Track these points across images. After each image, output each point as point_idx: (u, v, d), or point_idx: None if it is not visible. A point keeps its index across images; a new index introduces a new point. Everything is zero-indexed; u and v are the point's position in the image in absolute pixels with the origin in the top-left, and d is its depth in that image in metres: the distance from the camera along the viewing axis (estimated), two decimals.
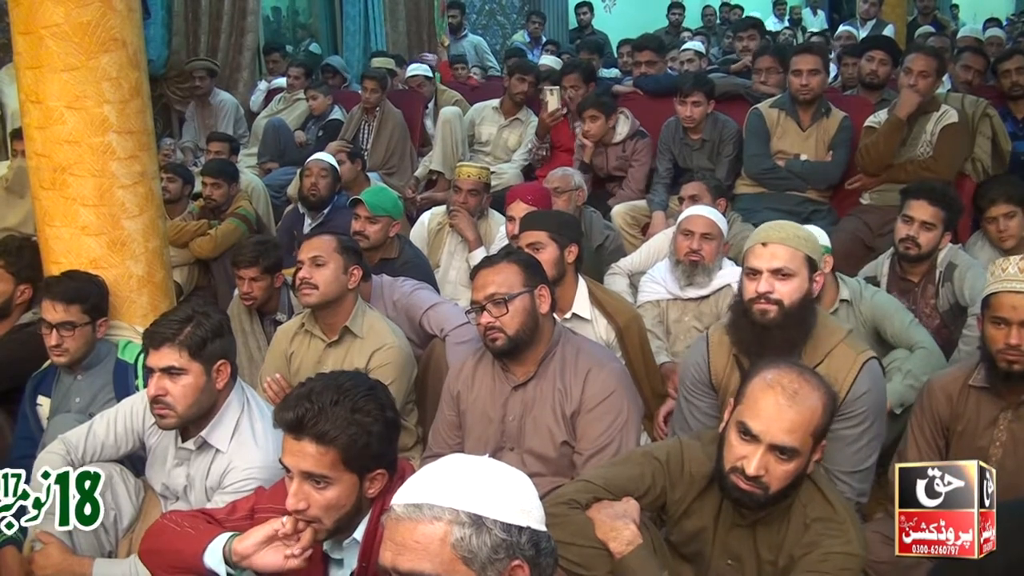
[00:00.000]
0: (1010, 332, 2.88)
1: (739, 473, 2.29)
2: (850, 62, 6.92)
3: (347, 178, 5.81)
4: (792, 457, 2.27)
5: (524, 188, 4.83)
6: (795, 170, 5.29)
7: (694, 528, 2.51)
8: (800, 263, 2.93)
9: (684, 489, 2.49)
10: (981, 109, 5.25)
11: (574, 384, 3.09)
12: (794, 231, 3.02)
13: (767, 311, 2.90)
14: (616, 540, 2.33)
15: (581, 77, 6.27)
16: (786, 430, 2.25)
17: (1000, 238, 4.55)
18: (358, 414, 2.16)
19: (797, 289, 2.91)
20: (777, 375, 2.32)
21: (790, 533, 2.38)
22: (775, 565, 2.39)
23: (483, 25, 12.16)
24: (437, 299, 4.10)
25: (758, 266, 2.94)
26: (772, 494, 2.30)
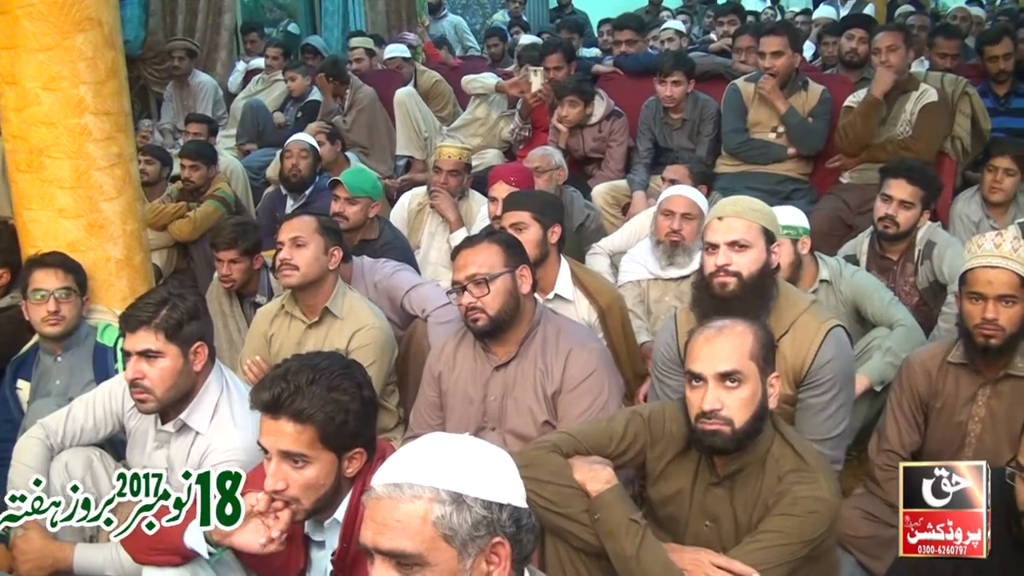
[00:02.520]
0: (986, 307, 2.93)
1: (702, 417, 2.38)
2: (830, 41, 6.93)
3: (327, 159, 5.80)
4: (740, 382, 2.37)
5: (506, 168, 4.81)
6: (791, 122, 5.26)
7: (672, 490, 2.57)
8: (756, 234, 2.97)
9: (664, 446, 2.56)
10: (960, 88, 5.26)
11: (555, 364, 3.10)
12: (749, 204, 3.06)
13: (726, 283, 2.94)
14: (593, 480, 2.43)
15: (563, 57, 6.25)
16: (723, 358, 2.38)
17: (992, 188, 4.77)
18: (335, 392, 2.17)
19: (755, 260, 2.95)
20: (705, 324, 2.48)
21: (764, 488, 2.44)
22: (752, 521, 2.45)
23: (463, 5, 12.11)
24: (418, 280, 4.10)
25: (715, 240, 2.98)
26: (740, 428, 2.37)
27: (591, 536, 2.40)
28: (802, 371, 2.97)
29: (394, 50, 7.69)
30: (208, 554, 2.20)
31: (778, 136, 5.35)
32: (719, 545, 2.44)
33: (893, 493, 3.04)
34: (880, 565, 2.95)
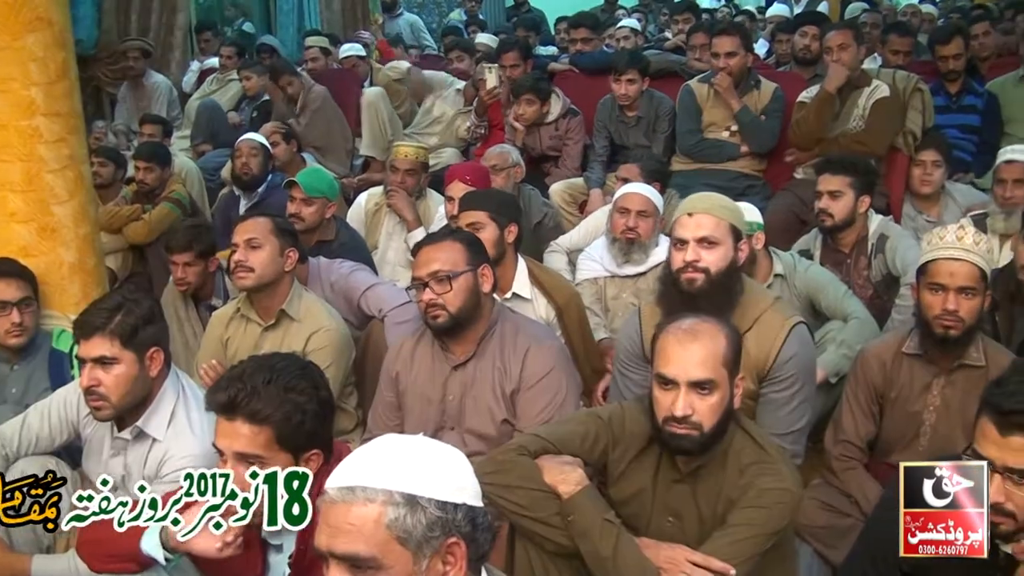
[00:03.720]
0: (947, 298, 2.97)
1: (671, 420, 2.38)
2: (784, 38, 7.00)
3: (283, 160, 5.76)
4: (712, 389, 2.38)
5: (462, 167, 4.81)
6: (744, 120, 5.32)
7: (633, 489, 2.57)
8: (725, 232, 3.01)
9: (625, 447, 2.56)
10: (912, 84, 5.33)
11: (513, 362, 3.11)
12: (718, 201, 3.09)
13: (694, 279, 2.97)
14: (565, 482, 2.42)
15: (520, 55, 6.26)
16: (697, 364, 2.37)
17: (922, 182, 4.92)
18: (291, 393, 2.16)
19: (723, 257, 2.99)
20: (677, 324, 2.46)
21: (727, 482, 2.46)
22: (715, 515, 2.47)
23: (419, 3, 12.08)
24: (375, 280, 4.08)
25: (684, 236, 3.01)
26: (707, 432, 2.39)
27: (565, 539, 2.40)
28: (765, 367, 3.01)
29: (350, 49, 7.66)
30: (165, 560, 2.18)
31: (731, 135, 5.39)
32: (683, 541, 2.45)
33: (850, 483, 3.15)
34: (837, 554, 2.98)
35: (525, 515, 2.41)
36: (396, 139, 6.31)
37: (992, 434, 2.14)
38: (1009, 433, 2.11)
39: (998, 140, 5.56)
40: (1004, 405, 2.12)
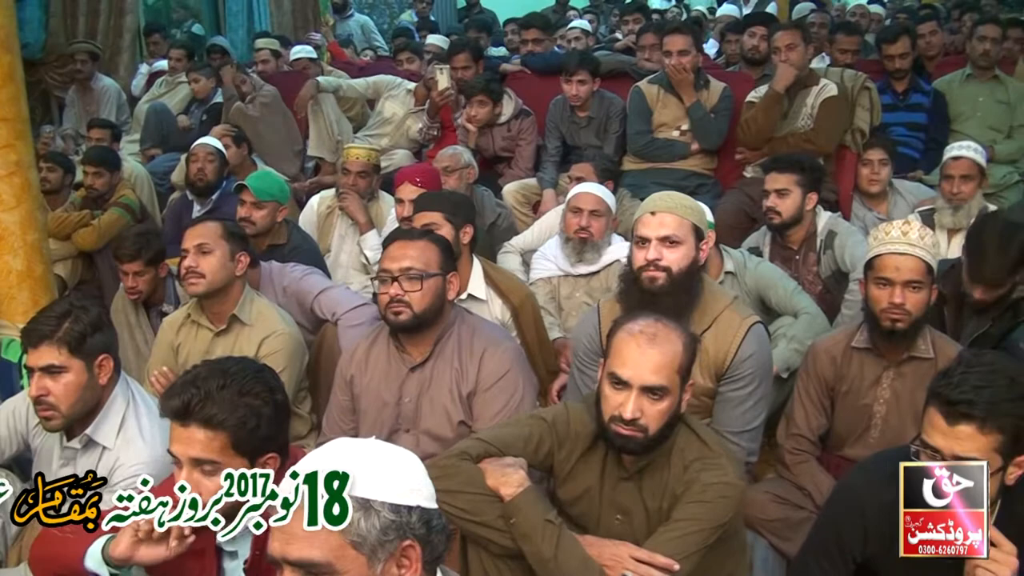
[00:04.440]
0: (893, 292, 3.03)
1: (618, 421, 2.40)
2: (732, 39, 7.06)
3: (233, 162, 5.70)
4: (663, 396, 2.39)
5: (413, 169, 4.81)
6: (696, 116, 5.36)
7: (581, 488, 2.59)
8: (687, 231, 3.03)
9: (570, 447, 2.58)
10: (860, 82, 5.41)
11: (470, 364, 3.11)
12: (681, 200, 3.11)
13: (656, 278, 2.99)
14: (506, 484, 2.42)
15: (471, 56, 6.26)
16: (652, 370, 2.38)
17: (870, 181, 5.00)
18: (246, 397, 2.15)
19: (684, 256, 3.01)
20: (636, 324, 2.46)
21: (671, 477, 2.49)
22: (661, 511, 2.49)
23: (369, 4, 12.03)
24: (328, 283, 4.07)
25: (647, 234, 3.02)
26: (652, 435, 2.41)
27: (509, 541, 2.40)
28: (723, 365, 3.03)
29: (300, 51, 7.60)
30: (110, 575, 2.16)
31: (682, 134, 5.44)
32: (631, 537, 2.47)
33: (803, 476, 3.18)
34: (792, 546, 3.01)
35: (469, 519, 2.41)
36: (344, 139, 6.29)
37: (940, 424, 2.19)
38: (956, 423, 2.16)
39: (945, 137, 5.64)
40: (950, 395, 2.17)
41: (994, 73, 5.94)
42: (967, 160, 4.49)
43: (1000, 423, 2.16)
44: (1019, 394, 2.20)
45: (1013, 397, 2.18)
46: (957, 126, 5.83)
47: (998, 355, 2.43)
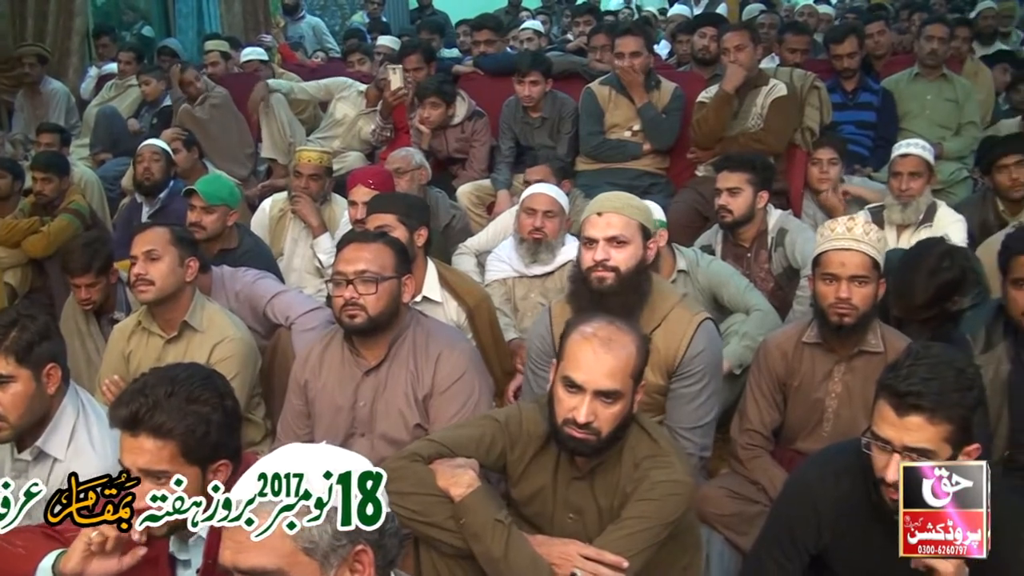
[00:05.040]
0: (840, 287, 3.07)
1: (571, 424, 2.40)
2: (684, 39, 7.10)
3: (183, 166, 5.65)
4: (616, 399, 2.41)
5: (365, 171, 4.79)
6: (647, 117, 5.40)
7: (534, 488, 2.60)
8: (634, 231, 3.04)
9: (523, 447, 2.58)
10: (809, 82, 5.47)
11: (425, 367, 3.10)
12: (627, 200, 3.13)
13: (604, 278, 3.00)
14: (456, 485, 2.42)
15: (422, 57, 6.25)
16: (606, 375, 2.39)
17: (820, 180, 5.02)
18: (195, 404, 2.12)
19: (632, 256, 3.02)
20: (591, 327, 2.46)
21: (622, 475, 2.50)
22: (613, 510, 2.51)
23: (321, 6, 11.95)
24: (280, 287, 4.03)
25: (594, 235, 3.04)
26: (605, 438, 2.42)
27: (459, 541, 2.41)
28: (674, 362, 3.05)
29: (251, 52, 7.55)
30: None
31: (633, 135, 5.47)
32: (585, 536, 2.48)
33: (756, 471, 3.21)
34: (747, 541, 3.03)
35: (420, 520, 2.41)
36: (297, 142, 6.25)
37: (890, 415, 2.23)
38: (906, 414, 2.21)
39: (894, 135, 5.72)
40: (900, 387, 2.21)
41: (942, 72, 6.03)
42: (915, 157, 4.55)
43: (949, 413, 2.21)
44: (966, 385, 2.25)
45: (960, 388, 2.23)
46: (905, 124, 5.91)
47: (945, 347, 2.48)
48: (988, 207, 4.84)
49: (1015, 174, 4.67)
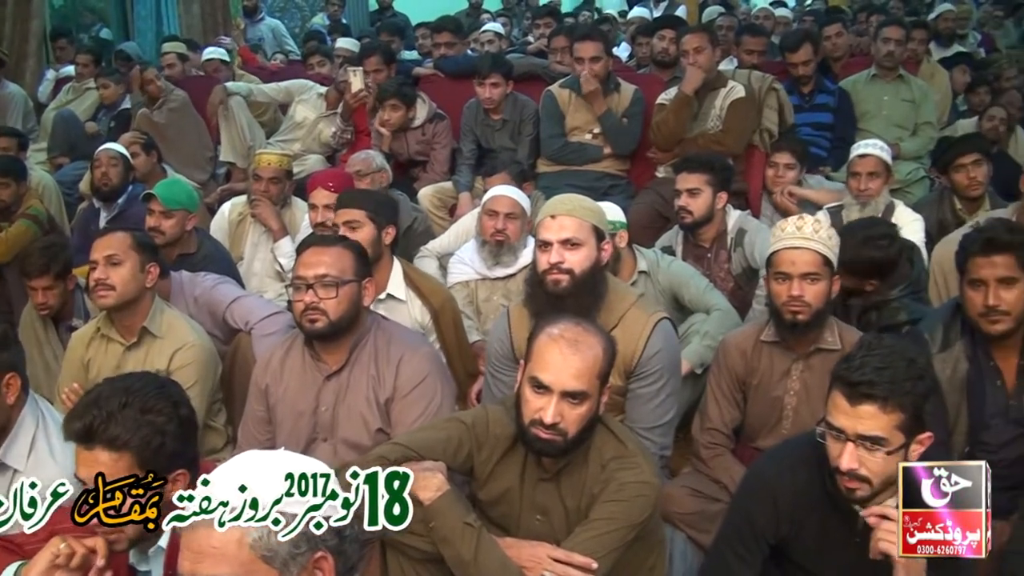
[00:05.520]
0: (792, 285, 3.11)
1: (538, 424, 2.41)
2: (643, 41, 7.14)
3: (142, 171, 5.59)
4: (583, 400, 2.42)
5: (325, 174, 4.79)
6: (608, 125, 5.43)
7: (501, 489, 2.60)
8: (588, 233, 3.06)
9: (490, 449, 2.59)
10: (767, 84, 5.52)
11: (387, 371, 3.10)
12: (580, 203, 3.15)
13: (559, 281, 3.02)
14: (425, 489, 2.41)
15: (382, 59, 6.23)
16: (574, 376, 2.40)
17: (775, 182, 5.09)
18: (149, 414, 2.10)
19: (586, 258, 3.04)
20: (558, 329, 2.47)
21: (589, 476, 2.52)
22: (579, 510, 2.52)
23: (280, 8, 11.87)
24: (240, 292, 4.02)
25: (548, 238, 3.05)
26: (571, 439, 2.43)
27: (429, 545, 2.40)
28: (632, 362, 3.07)
29: (212, 52, 7.50)
30: None
31: (594, 137, 5.50)
32: (552, 537, 2.49)
33: (718, 469, 3.24)
34: (709, 538, 3.02)
35: None
36: (256, 145, 6.21)
37: (843, 405, 2.28)
38: (859, 403, 2.25)
39: (852, 135, 5.79)
40: (852, 377, 2.26)
41: (898, 73, 6.13)
42: (873, 158, 4.61)
43: (901, 402, 2.25)
44: (918, 374, 2.30)
45: (912, 377, 2.28)
46: (863, 125, 5.99)
47: (896, 338, 2.52)
48: (946, 206, 4.93)
49: (972, 173, 4.78)
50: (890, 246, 3.64)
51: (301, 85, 6.70)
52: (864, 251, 3.59)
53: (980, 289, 3.00)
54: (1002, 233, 3.03)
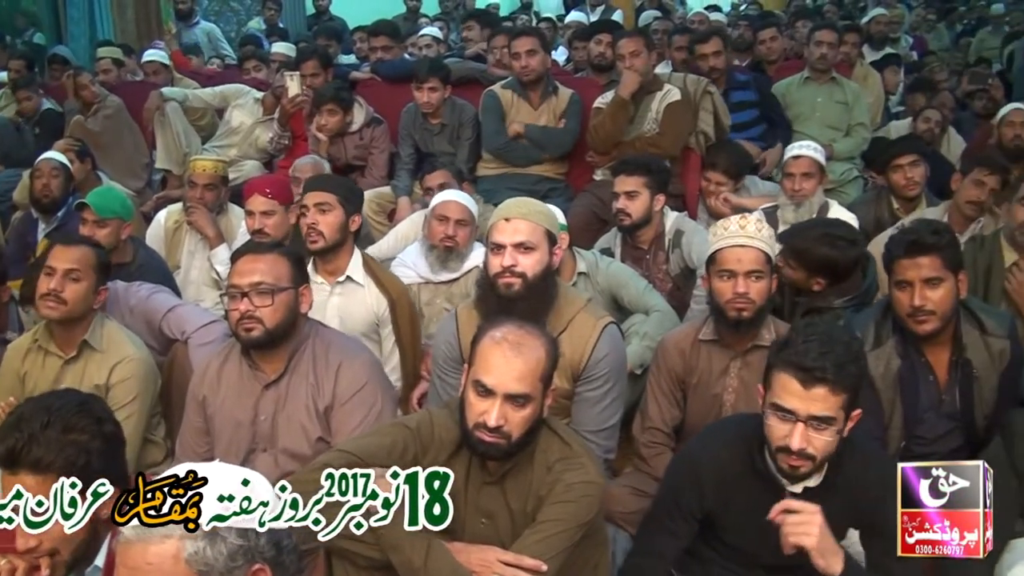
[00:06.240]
0: (737, 282, 3.16)
1: (482, 428, 2.42)
2: (580, 45, 7.18)
3: (77, 178, 5.49)
4: (526, 403, 2.43)
5: (262, 180, 4.75)
6: (533, 136, 5.47)
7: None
8: (541, 237, 3.08)
9: (435, 453, 2.58)
10: (702, 87, 5.57)
11: (326, 378, 3.08)
12: (534, 207, 3.17)
13: (512, 284, 3.03)
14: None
15: (319, 64, 6.20)
16: (517, 379, 2.41)
17: (708, 193, 5.13)
18: (72, 433, 2.07)
19: (539, 262, 3.06)
20: (501, 332, 2.48)
21: (535, 479, 2.53)
22: (525, 513, 2.53)
23: (216, 11, 11.71)
24: (176, 301, 3.96)
25: (502, 241, 3.06)
26: (515, 441, 2.44)
27: (377, 553, 2.39)
28: (579, 366, 3.09)
29: (153, 54, 7.40)
30: None
31: None
32: (497, 540, 2.50)
33: (659, 468, 3.25)
34: None
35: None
36: (192, 151, 6.13)
37: (795, 388, 2.38)
38: (812, 386, 2.36)
39: (779, 116, 6.00)
40: (804, 362, 2.36)
41: (831, 76, 6.23)
42: (807, 159, 4.67)
43: (846, 383, 2.37)
44: (855, 356, 2.43)
45: (853, 359, 2.41)
46: (797, 126, 6.08)
47: (827, 322, 2.60)
48: (883, 205, 5.04)
49: (910, 173, 4.90)
50: (847, 249, 3.69)
51: (237, 90, 6.63)
52: (820, 246, 3.65)
53: (907, 290, 3.09)
54: (926, 235, 3.10)
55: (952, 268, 3.09)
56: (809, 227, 3.86)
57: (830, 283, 3.70)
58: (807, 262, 3.66)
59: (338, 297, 3.90)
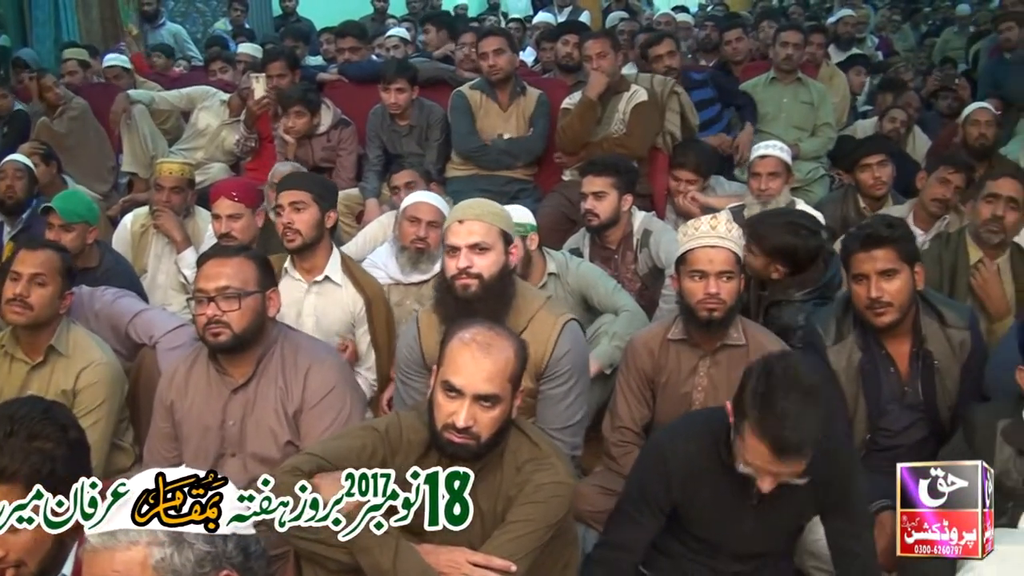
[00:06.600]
0: (708, 283, 3.17)
1: (451, 428, 2.43)
2: (548, 46, 7.19)
3: (42, 181, 5.44)
4: (495, 404, 2.44)
5: (228, 183, 4.73)
6: (500, 147, 5.50)
7: None
8: (495, 237, 3.07)
9: (404, 455, 2.58)
10: (669, 87, 5.59)
11: (295, 382, 3.07)
12: (488, 207, 3.16)
13: (468, 285, 3.03)
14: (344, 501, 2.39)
15: (286, 65, 6.17)
16: (485, 379, 2.42)
17: (677, 192, 5.16)
18: (36, 441, 2.05)
19: (495, 262, 3.05)
20: (470, 333, 2.49)
21: (504, 479, 2.54)
22: (495, 513, 2.53)
23: (182, 12, 11.62)
24: (142, 306, 3.92)
25: (456, 243, 3.05)
26: (484, 442, 2.45)
27: (346, 556, 2.37)
28: (542, 364, 3.09)
29: (114, 59, 7.32)
30: None
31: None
32: (466, 541, 2.48)
33: (629, 467, 3.24)
34: None
35: (303, 537, 2.36)
36: (159, 154, 6.08)
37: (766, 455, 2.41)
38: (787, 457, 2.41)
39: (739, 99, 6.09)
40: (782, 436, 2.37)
41: (797, 76, 6.29)
42: (773, 158, 4.72)
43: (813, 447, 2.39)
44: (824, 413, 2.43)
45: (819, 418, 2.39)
46: (763, 126, 6.12)
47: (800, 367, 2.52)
48: (850, 204, 5.10)
49: (877, 173, 4.96)
50: (809, 238, 3.74)
51: (203, 92, 6.58)
52: (783, 233, 3.71)
53: (863, 283, 3.15)
54: (881, 228, 3.18)
55: (907, 260, 3.15)
56: (775, 215, 3.93)
57: (790, 271, 3.75)
58: (768, 248, 3.72)
59: (315, 296, 3.91)
